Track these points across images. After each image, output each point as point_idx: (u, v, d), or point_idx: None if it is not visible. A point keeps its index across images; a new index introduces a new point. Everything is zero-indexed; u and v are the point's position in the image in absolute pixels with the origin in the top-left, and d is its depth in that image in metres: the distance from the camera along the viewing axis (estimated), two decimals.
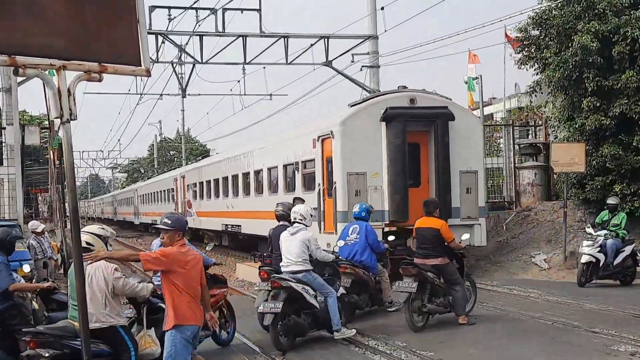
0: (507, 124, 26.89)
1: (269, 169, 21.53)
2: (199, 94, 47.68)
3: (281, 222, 11.31)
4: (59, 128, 20.92)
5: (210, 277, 9.62)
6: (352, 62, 30.80)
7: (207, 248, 12.53)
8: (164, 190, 40.95)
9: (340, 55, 31.68)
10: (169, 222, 6.79)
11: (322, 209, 16.75)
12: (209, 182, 29.59)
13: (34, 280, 12.69)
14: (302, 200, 13.64)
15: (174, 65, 37.55)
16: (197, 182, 31.69)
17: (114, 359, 7.19)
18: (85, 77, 4.36)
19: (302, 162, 18.45)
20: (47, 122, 33.05)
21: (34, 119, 42.17)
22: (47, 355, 6.89)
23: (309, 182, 18.09)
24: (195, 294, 6.72)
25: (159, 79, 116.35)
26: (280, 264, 10.35)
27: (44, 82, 4.25)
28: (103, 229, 7.65)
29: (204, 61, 31.27)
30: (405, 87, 17.32)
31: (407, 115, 16.01)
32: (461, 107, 17.63)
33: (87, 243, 7.25)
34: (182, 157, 65.14)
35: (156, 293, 7.90)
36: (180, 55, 35.54)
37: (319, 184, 17.04)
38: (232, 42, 28.91)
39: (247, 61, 30.84)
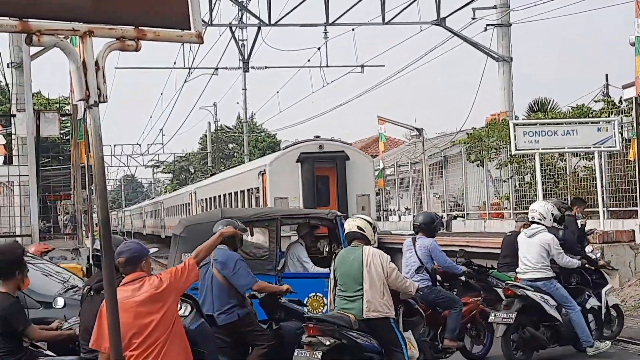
0: None
1: (241, 192, 35.76)
2: (266, 67, 47.70)
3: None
4: (84, 113, 21.38)
5: (462, 284, 12.06)
6: (473, 19, 30.57)
7: None
8: (182, 205, 56.20)
9: (457, 11, 31.47)
10: None
11: None
12: (211, 198, 44.03)
13: None
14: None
15: (233, 28, 38.17)
16: (204, 198, 46.48)
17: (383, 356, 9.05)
18: (118, 46, 4.41)
19: (255, 188, 32.52)
20: (68, 107, 34.01)
21: (51, 103, 43.55)
22: (327, 343, 8.85)
23: (261, 203, 31.81)
24: None
25: (214, 48, 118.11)
26: (517, 270, 12.05)
27: (65, 53, 4.31)
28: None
29: (272, 23, 31.59)
30: (318, 136, 31.69)
31: (315, 157, 29.40)
32: (355, 150, 32.23)
33: (359, 227, 9.25)
34: (243, 151, 65.94)
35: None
36: (242, 16, 36.07)
37: (261, 205, 30.39)
38: None
39: (329, 21, 30.98)
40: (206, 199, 45.87)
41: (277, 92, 60.35)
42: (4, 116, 27.71)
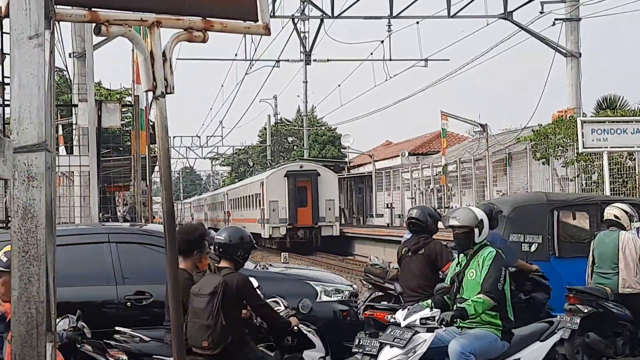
0: None
1: (251, 195, 52.59)
2: (328, 60, 47.52)
3: None
4: (150, 104, 21.57)
5: None
6: (541, 13, 30.26)
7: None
8: (219, 202, 71.97)
9: (524, 4, 31.17)
10: None
11: (263, 218, 46.97)
12: (236, 199, 61.09)
13: None
14: None
15: (296, 20, 38.26)
16: (232, 198, 63.72)
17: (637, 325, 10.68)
18: (186, 37, 4.44)
19: (258, 194, 48.99)
20: (128, 98, 34.36)
21: (112, 94, 44.05)
22: (585, 310, 10.41)
23: (261, 205, 47.97)
24: None
25: (275, 40, 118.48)
26: None
27: (133, 44, 4.37)
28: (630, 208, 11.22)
29: (335, 15, 31.62)
30: (301, 158, 56.82)
31: (297, 174, 45.56)
32: (325, 169, 48.45)
33: (615, 216, 10.97)
34: (303, 144, 66.08)
35: None
36: (304, 8, 36.15)
37: (262, 206, 47.07)
38: None
39: (394, 14, 30.93)
40: (233, 199, 63.49)
41: (339, 86, 60.41)
42: (65, 106, 28.04)
